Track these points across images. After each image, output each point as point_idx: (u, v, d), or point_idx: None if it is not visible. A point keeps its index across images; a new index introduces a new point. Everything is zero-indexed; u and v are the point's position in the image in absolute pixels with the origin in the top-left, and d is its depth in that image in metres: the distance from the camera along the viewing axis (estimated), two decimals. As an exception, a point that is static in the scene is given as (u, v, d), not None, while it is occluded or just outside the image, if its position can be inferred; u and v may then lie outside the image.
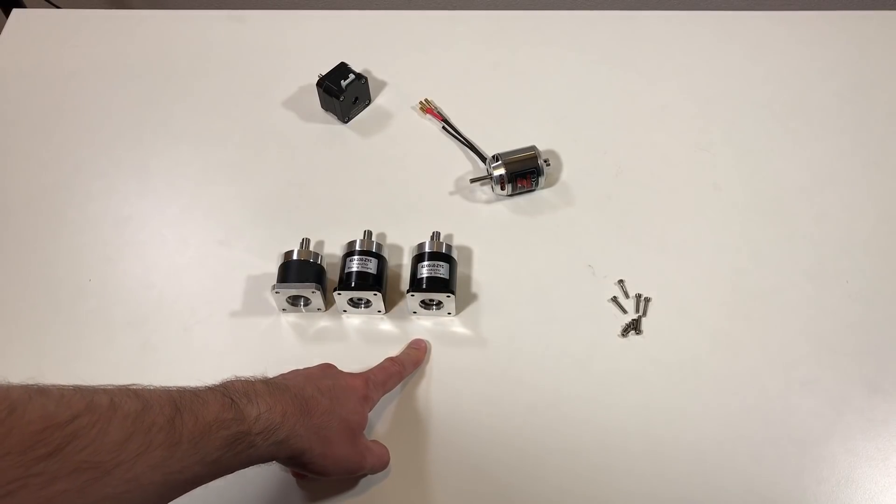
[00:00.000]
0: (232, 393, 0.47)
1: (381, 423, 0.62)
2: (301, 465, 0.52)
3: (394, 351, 0.65)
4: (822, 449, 0.60)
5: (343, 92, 0.78)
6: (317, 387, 0.54)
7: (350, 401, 0.56)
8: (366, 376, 0.59)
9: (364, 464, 0.57)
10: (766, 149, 0.78)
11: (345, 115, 0.81)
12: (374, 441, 0.60)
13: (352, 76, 0.79)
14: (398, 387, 0.63)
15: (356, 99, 0.81)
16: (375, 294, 0.65)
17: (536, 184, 0.74)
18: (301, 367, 0.58)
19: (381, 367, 0.62)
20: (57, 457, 0.36)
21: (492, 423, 0.62)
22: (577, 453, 0.60)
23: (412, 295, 0.65)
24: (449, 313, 0.67)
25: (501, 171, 0.72)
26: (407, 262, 0.70)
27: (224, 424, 0.45)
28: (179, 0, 1.03)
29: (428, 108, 0.82)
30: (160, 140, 0.81)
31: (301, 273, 0.66)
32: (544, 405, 0.63)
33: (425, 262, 0.66)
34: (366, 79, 0.80)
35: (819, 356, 0.64)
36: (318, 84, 0.79)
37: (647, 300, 0.68)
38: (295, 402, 0.50)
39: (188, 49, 0.88)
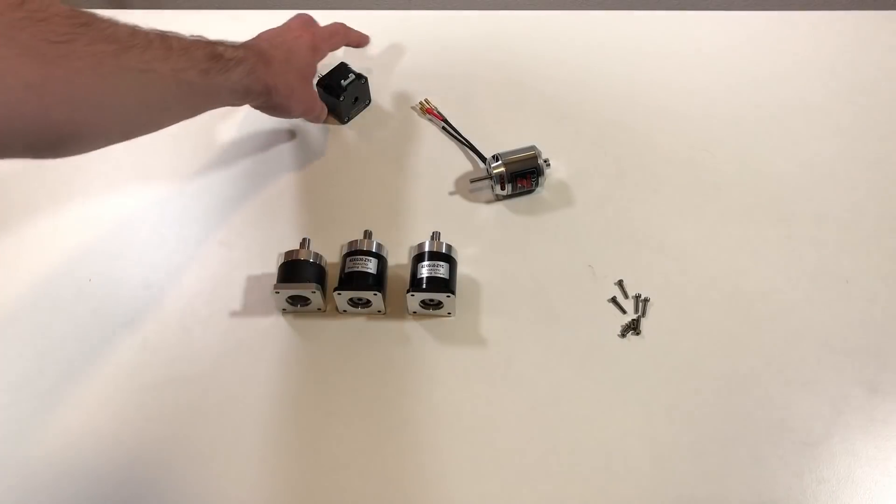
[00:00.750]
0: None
1: (381, 423, 0.62)
2: (273, 106, 0.69)
3: (394, 352, 0.65)
4: (822, 449, 0.60)
5: (343, 92, 0.78)
6: (271, 44, 0.69)
7: (301, 55, 0.71)
8: (313, 31, 0.75)
9: (315, 106, 0.75)
10: (766, 149, 0.78)
11: (345, 115, 0.81)
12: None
13: (352, 76, 0.79)
14: (398, 384, 0.63)
15: (356, 99, 0.81)
16: (375, 294, 0.65)
17: (536, 184, 0.74)
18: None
19: (327, 25, 0.78)
20: (91, 27, 0.48)
21: (491, 423, 0.62)
22: (576, 453, 0.60)
23: (412, 295, 0.65)
24: (449, 313, 0.67)
25: (501, 170, 0.72)
26: (407, 262, 0.70)
27: (202, 45, 0.58)
28: (179, 0, 1.03)
29: (428, 108, 0.82)
30: (160, 140, 0.80)
31: (301, 273, 0.66)
32: (544, 405, 0.63)
33: (425, 262, 0.66)
34: (366, 79, 0.80)
35: (819, 356, 0.64)
36: (318, 84, 0.79)
37: (646, 300, 0.68)
38: (253, 50, 0.65)
39: (188, 49, 0.88)
